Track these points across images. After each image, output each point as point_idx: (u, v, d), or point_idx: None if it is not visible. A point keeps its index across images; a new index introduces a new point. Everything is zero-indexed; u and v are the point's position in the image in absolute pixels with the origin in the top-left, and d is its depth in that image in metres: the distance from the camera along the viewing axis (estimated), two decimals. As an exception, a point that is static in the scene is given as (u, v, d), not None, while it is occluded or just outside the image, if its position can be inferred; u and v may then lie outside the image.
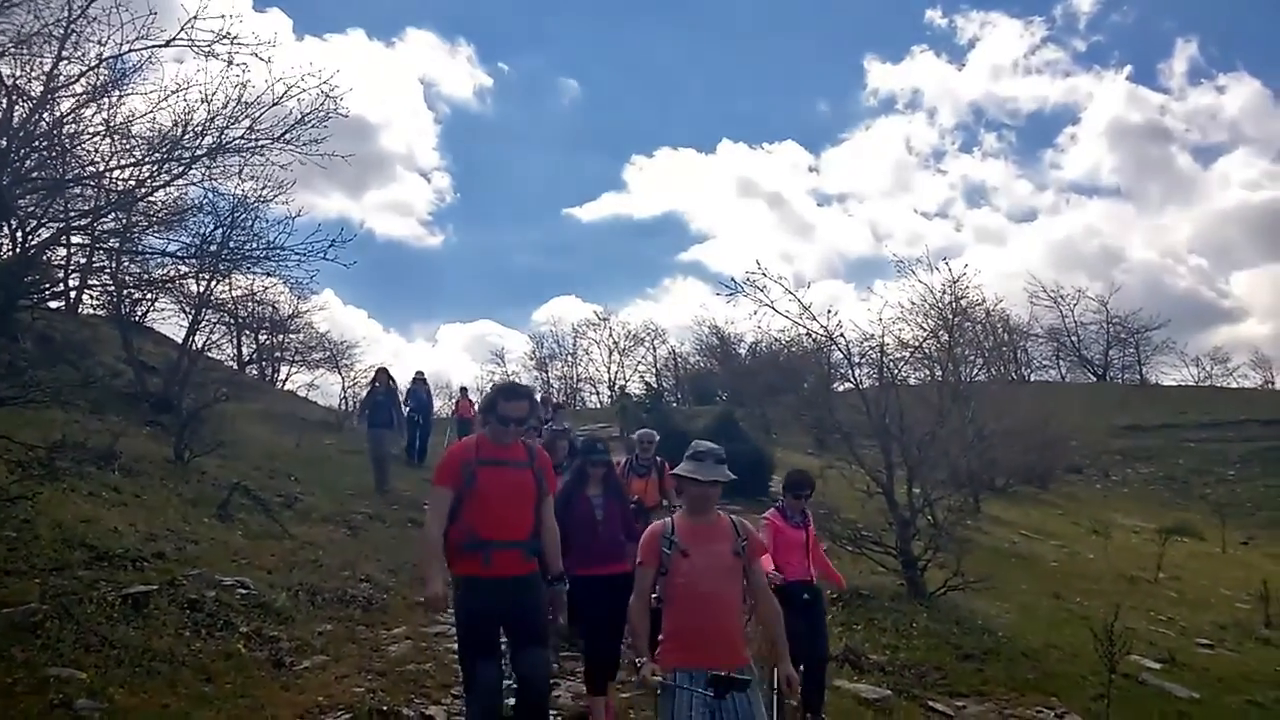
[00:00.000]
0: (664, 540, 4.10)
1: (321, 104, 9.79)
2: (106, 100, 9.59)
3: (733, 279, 11.61)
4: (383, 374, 15.74)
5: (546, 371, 48.02)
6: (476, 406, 24.42)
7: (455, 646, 7.60)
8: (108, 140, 9.51)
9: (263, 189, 10.86)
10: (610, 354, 47.98)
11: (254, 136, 9.65)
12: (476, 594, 4.58)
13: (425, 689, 6.54)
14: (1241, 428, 34.43)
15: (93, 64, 9.34)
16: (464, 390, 26.64)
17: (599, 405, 43.73)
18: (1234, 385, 48.61)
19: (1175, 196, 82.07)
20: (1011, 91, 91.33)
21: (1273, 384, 48.48)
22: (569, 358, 48.50)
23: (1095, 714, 7.45)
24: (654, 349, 48.14)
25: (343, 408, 30.84)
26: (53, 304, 16.29)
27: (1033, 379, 47.79)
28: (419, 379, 19.45)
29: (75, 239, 10.39)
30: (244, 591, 7.51)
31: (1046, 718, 7.40)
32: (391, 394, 15.57)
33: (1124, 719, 7.39)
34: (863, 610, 9.64)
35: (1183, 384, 49.53)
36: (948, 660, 8.56)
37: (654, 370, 47.43)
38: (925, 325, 14.11)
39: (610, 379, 47.76)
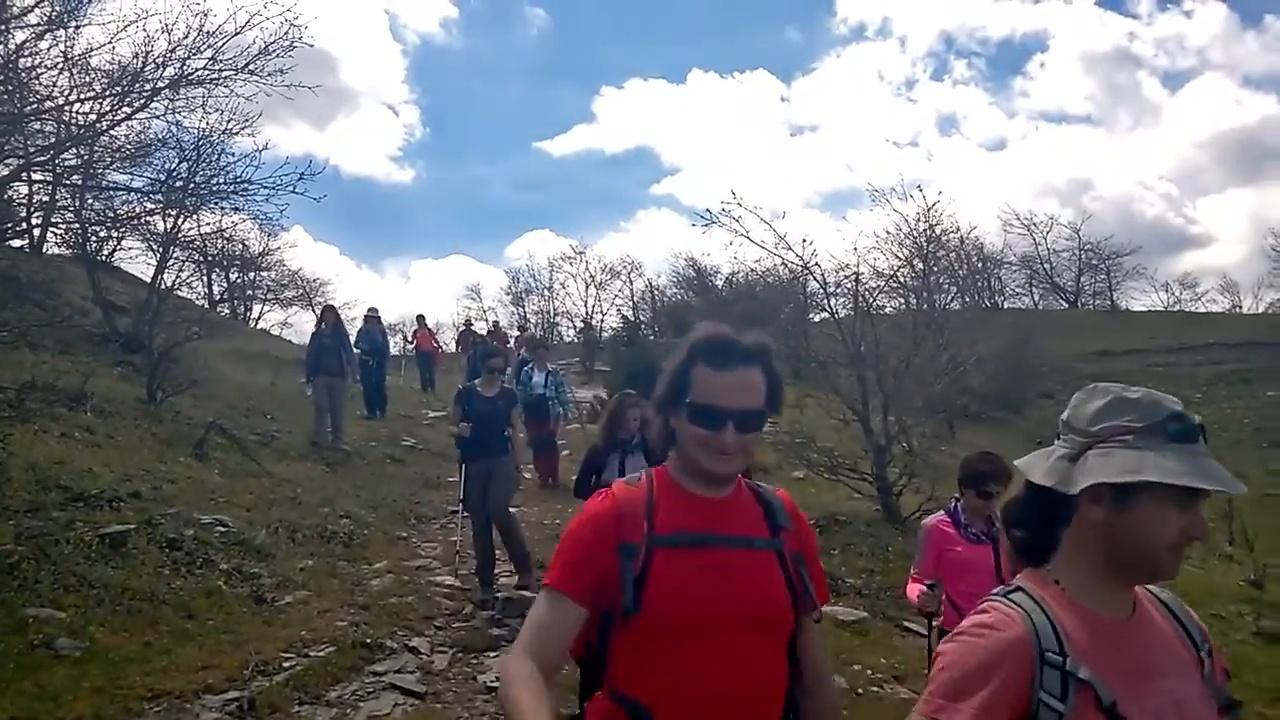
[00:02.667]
0: (1042, 664, 1.51)
1: (285, 33, 9.51)
2: (63, 31, 9.30)
3: (708, 209, 11.51)
4: (330, 313, 13.76)
5: (523, 306, 47.69)
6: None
7: (437, 579, 7.74)
8: (66, 73, 9.23)
9: (228, 122, 10.62)
10: (587, 288, 47.71)
11: (217, 67, 9.37)
12: None
13: (408, 621, 6.62)
14: (1209, 351, 34.87)
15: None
16: (421, 319, 24.13)
17: (576, 340, 43.64)
18: (1202, 310, 49.16)
19: (1144, 123, 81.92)
20: (981, 19, 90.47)
21: (1240, 308, 49.04)
22: (545, 292, 48.16)
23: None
24: (630, 282, 47.85)
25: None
26: (16, 243, 16.01)
27: (1006, 306, 48.04)
28: (372, 316, 17.09)
29: (36, 176, 10.10)
30: (223, 529, 7.52)
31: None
32: (340, 337, 13.46)
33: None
34: (839, 535, 9.78)
35: (1152, 309, 50.02)
36: (922, 583, 8.71)
37: (631, 303, 47.30)
38: (900, 254, 14.12)
39: (587, 313, 47.57)
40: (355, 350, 14.95)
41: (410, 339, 25.51)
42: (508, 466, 7.67)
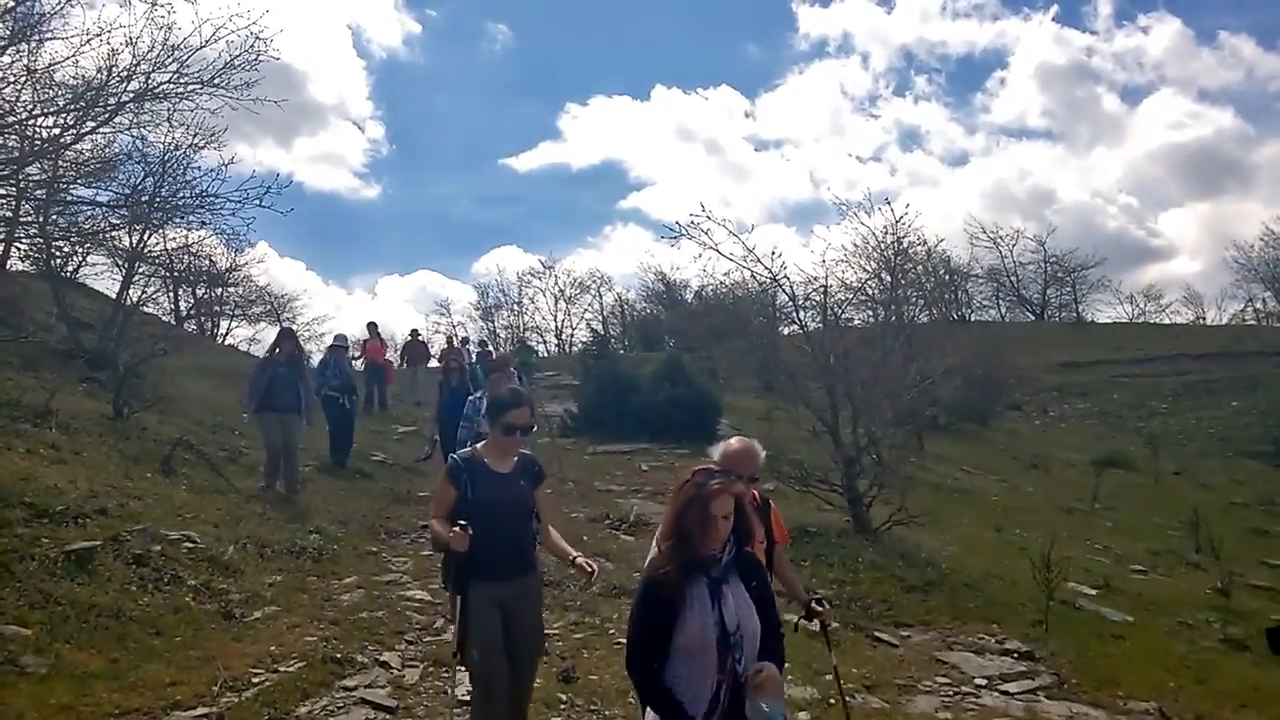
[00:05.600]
0: None
1: (251, 46, 9.49)
2: (25, 46, 9.24)
3: (677, 222, 11.54)
4: (288, 339, 11.32)
5: (492, 321, 47.73)
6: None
7: (408, 594, 7.68)
8: (29, 88, 9.18)
9: (194, 137, 10.60)
10: (556, 302, 47.82)
11: (182, 81, 9.33)
12: None
13: (379, 636, 6.58)
14: (1173, 362, 35.43)
15: (9, 5, 8.97)
16: (373, 327, 21.11)
17: (546, 354, 43.61)
18: (1166, 321, 49.91)
19: (1104, 137, 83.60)
20: (940, 35, 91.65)
21: (1204, 319, 49.85)
22: (515, 307, 48.21)
23: (1034, 638, 7.71)
24: (600, 296, 48.12)
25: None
26: (-22, 259, 15.81)
27: (973, 319, 48.56)
28: (338, 345, 14.26)
29: (-1, 190, 10.03)
30: (190, 545, 7.43)
31: (987, 644, 7.64)
32: (297, 366, 11.07)
33: (1061, 642, 7.65)
34: (810, 547, 9.82)
35: (1117, 321, 50.77)
36: (893, 592, 8.78)
37: (601, 317, 47.47)
38: (868, 267, 14.30)
39: (557, 327, 47.70)
40: (326, 388, 12.75)
41: (360, 351, 22.65)
42: (539, 593, 4.64)
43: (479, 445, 4.56)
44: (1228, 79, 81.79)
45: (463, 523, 4.03)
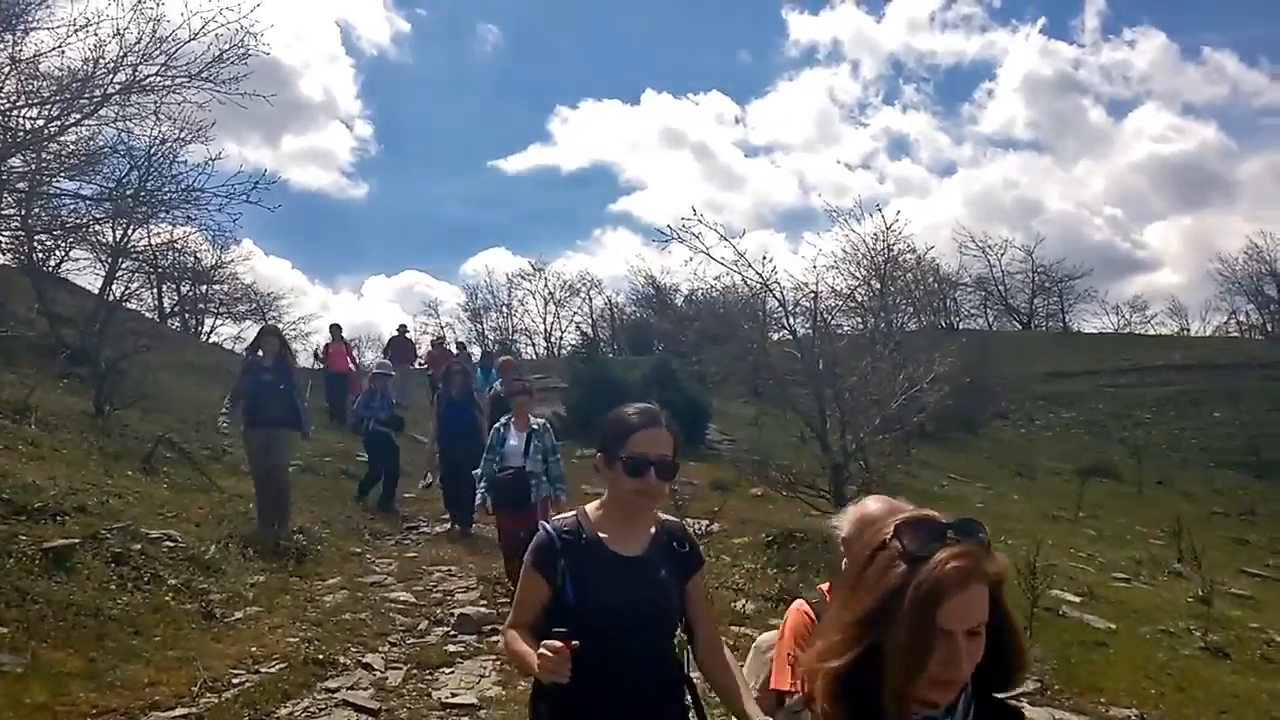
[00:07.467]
0: None
1: (240, 40, 9.44)
2: (10, 36, 9.18)
3: (668, 226, 11.51)
4: (270, 338, 9.26)
5: (481, 323, 47.53)
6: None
7: (392, 595, 7.62)
8: (13, 78, 9.11)
9: (180, 131, 10.50)
10: (546, 305, 47.67)
11: (170, 74, 9.28)
12: None
13: (362, 637, 6.52)
14: (1158, 373, 35.58)
15: (-8, -6, 8.91)
16: (336, 330, 18.40)
17: (533, 357, 43.49)
18: (1151, 332, 50.17)
19: (1090, 150, 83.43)
20: (929, 45, 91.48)
21: (1188, 331, 50.11)
22: (504, 309, 48.02)
23: (1018, 646, 7.69)
24: (589, 299, 47.97)
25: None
26: (-42, 253, 15.63)
27: (961, 327, 48.68)
28: (383, 373, 12.16)
29: (-20, 182, 9.92)
30: (171, 544, 7.36)
31: (972, 651, 7.62)
32: (284, 371, 9.01)
33: (1045, 649, 7.64)
34: (797, 552, 9.80)
35: (1103, 331, 50.99)
36: (878, 598, 8.76)
37: (590, 320, 47.35)
38: (857, 274, 14.32)
39: (546, 330, 47.55)
40: (374, 421, 11.34)
41: (320, 355, 19.68)
42: None
43: (589, 506, 2.64)
44: (1212, 94, 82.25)
45: (562, 630, 2.22)
